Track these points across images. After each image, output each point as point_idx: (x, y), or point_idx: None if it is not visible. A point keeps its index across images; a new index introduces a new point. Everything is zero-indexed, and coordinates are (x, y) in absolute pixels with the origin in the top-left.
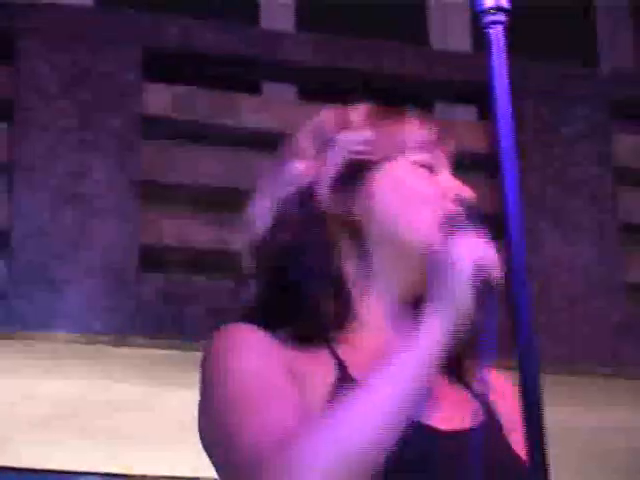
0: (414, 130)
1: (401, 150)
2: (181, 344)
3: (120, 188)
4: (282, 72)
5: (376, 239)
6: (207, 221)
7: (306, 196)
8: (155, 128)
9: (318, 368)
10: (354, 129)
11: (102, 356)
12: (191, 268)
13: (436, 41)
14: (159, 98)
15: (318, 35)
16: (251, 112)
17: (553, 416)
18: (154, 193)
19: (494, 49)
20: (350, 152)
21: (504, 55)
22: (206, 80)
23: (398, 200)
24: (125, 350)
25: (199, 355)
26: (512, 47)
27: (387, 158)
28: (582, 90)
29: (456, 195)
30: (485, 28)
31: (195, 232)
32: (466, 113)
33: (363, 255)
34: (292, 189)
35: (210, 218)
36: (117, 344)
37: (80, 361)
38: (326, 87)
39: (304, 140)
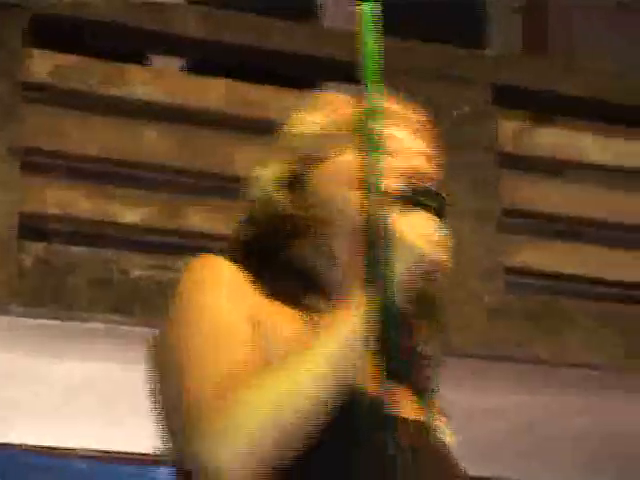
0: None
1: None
2: (61, 314)
3: (1, 155)
4: (169, 44)
5: (329, 228)
6: (90, 191)
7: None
8: (39, 96)
9: (286, 318)
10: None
11: None
12: (73, 238)
13: (328, 19)
14: (44, 65)
15: (206, 8)
16: (139, 83)
17: None
18: (36, 161)
19: (364, 25)
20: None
21: (375, 30)
22: (94, 49)
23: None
24: (5, 319)
25: (79, 325)
26: (401, 27)
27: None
28: (469, 72)
29: (402, 172)
30: (356, 4)
31: (78, 202)
32: (353, 93)
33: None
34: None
35: (93, 188)
36: None
37: None
38: (214, 61)
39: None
